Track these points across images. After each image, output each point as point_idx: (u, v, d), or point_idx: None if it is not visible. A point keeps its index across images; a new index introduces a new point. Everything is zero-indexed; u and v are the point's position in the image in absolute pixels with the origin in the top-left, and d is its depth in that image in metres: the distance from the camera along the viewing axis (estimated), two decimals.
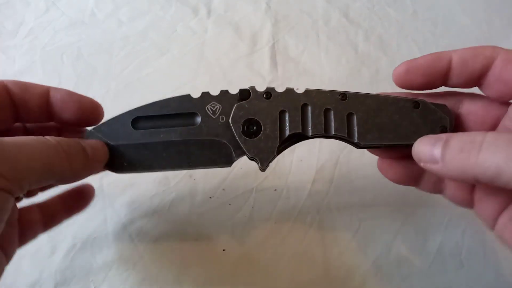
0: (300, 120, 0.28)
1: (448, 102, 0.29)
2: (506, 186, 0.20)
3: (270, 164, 0.29)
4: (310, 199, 0.39)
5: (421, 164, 0.25)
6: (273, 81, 0.49)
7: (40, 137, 0.24)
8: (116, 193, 0.39)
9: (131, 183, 0.40)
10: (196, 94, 0.29)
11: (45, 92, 0.28)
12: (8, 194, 0.21)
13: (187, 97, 0.29)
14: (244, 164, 0.40)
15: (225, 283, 0.34)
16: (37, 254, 0.35)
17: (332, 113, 0.28)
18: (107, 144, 0.29)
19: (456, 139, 0.23)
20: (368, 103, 0.28)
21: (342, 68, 0.51)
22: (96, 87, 0.48)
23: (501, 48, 0.25)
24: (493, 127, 0.27)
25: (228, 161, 0.30)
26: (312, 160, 0.42)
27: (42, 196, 0.31)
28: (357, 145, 0.29)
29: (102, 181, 0.40)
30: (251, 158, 0.29)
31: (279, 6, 0.58)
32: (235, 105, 0.28)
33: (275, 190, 0.40)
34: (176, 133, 0.29)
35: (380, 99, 0.28)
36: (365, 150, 0.43)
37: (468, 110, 0.28)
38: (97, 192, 0.39)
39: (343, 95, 0.28)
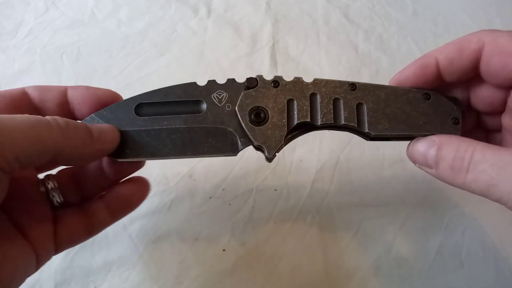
0: (309, 109, 0.28)
1: (460, 88, 0.28)
2: (498, 201, 0.21)
3: (276, 154, 0.28)
4: (310, 199, 0.39)
5: (417, 165, 0.26)
6: None
7: (31, 115, 0.23)
8: None
9: None
10: (202, 83, 0.28)
11: (63, 92, 0.28)
12: None
13: (193, 84, 0.28)
14: (244, 164, 0.40)
15: (225, 283, 0.34)
16: None
17: (341, 102, 0.28)
18: None
19: (447, 150, 0.24)
20: (377, 93, 0.28)
21: (342, 68, 0.51)
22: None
23: (486, 32, 0.25)
24: (502, 106, 0.27)
25: (233, 150, 0.29)
26: (312, 160, 0.42)
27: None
28: (368, 136, 0.28)
29: None
30: (257, 147, 0.28)
31: (279, 6, 0.58)
32: (242, 93, 0.28)
33: (275, 190, 0.40)
34: (181, 120, 0.28)
35: (390, 90, 0.28)
36: (365, 150, 0.43)
37: (475, 94, 0.28)
38: None
39: (353, 85, 0.28)
